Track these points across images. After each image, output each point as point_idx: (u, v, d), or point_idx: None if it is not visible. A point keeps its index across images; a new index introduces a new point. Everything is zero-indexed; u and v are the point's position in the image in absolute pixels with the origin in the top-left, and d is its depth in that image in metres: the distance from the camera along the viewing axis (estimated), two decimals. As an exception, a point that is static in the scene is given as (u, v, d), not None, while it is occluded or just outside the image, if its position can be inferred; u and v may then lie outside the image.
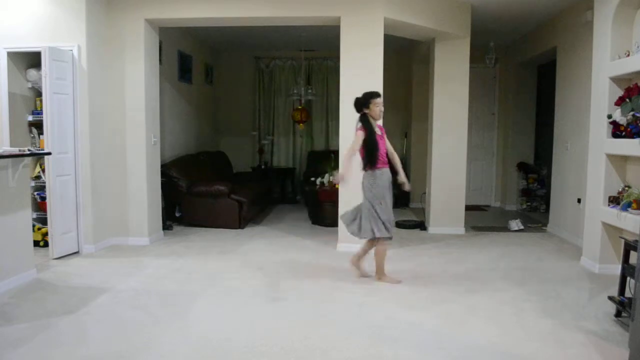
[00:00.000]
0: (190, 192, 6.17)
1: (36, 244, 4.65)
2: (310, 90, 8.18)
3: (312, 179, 6.70)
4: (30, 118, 5.00)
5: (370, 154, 3.94)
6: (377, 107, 4.00)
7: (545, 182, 7.60)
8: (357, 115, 4.06)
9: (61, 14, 4.75)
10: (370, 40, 5.01)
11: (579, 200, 5.37)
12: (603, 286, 3.95)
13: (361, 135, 3.93)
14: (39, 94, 4.94)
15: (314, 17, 5.14)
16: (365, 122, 3.98)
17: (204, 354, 2.75)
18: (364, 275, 4.20)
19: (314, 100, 8.53)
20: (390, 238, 4.03)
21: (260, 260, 4.71)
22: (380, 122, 4.14)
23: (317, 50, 8.38)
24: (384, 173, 3.98)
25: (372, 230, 3.93)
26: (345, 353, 2.78)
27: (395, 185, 4.12)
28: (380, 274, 4.09)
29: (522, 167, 7.79)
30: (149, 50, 5.25)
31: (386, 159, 4.02)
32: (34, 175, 4.95)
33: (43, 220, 4.89)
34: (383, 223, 3.92)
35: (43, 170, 4.89)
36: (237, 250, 5.15)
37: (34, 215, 4.85)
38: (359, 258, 4.21)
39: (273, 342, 2.90)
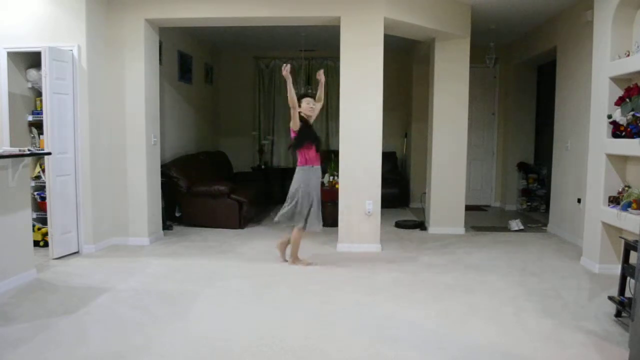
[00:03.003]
0: (190, 192, 6.17)
1: (36, 244, 4.66)
2: (310, 90, 8.17)
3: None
4: (30, 118, 5.00)
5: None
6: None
7: (545, 182, 7.60)
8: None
9: (61, 14, 4.75)
10: (370, 40, 5.01)
11: (579, 200, 5.37)
12: (603, 286, 3.95)
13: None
14: (39, 94, 4.94)
15: (314, 17, 5.13)
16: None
17: (204, 354, 2.75)
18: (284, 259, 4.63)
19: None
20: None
21: (260, 260, 4.71)
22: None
23: (317, 50, 8.38)
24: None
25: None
26: (345, 353, 2.78)
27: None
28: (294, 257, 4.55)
29: (522, 167, 7.79)
30: (149, 50, 5.25)
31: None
32: (34, 175, 4.95)
33: (43, 220, 4.90)
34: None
35: (43, 170, 4.89)
36: (237, 250, 5.15)
37: (34, 215, 4.85)
38: (285, 245, 4.66)
39: (273, 342, 2.90)
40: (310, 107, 4.43)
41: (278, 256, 4.70)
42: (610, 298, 3.35)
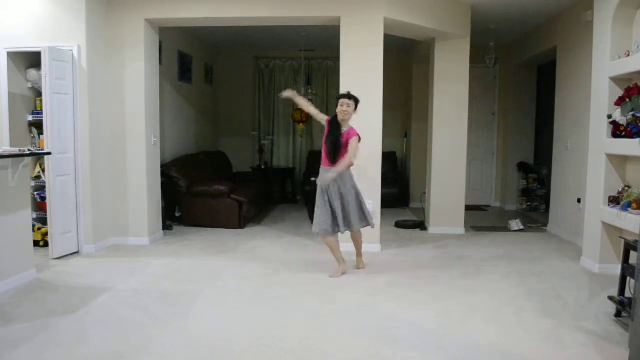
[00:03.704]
0: (190, 192, 6.17)
1: (36, 244, 4.66)
2: (310, 90, 8.19)
3: (312, 179, 6.68)
4: (30, 118, 5.00)
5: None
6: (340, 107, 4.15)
7: (545, 182, 7.60)
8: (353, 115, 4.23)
9: (61, 14, 4.75)
10: (370, 40, 5.01)
11: (579, 200, 5.37)
12: (603, 286, 3.95)
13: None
14: (39, 94, 4.94)
15: (314, 17, 5.13)
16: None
17: (204, 354, 2.75)
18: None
19: (314, 100, 8.52)
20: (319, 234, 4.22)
21: (260, 260, 4.71)
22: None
23: (317, 50, 8.38)
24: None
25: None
26: (345, 353, 2.78)
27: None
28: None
29: (522, 167, 7.79)
30: (149, 50, 5.25)
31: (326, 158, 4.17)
32: (34, 175, 4.95)
33: (43, 220, 4.90)
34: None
35: (43, 170, 4.89)
36: (237, 250, 5.15)
37: (34, 215, 4.85)
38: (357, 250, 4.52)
39: (273, 342, 2.90)
40: (343, 110, 4.10)
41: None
42: (610, 298, 3.35)
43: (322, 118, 4.32)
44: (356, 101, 4.17)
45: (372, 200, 5.11)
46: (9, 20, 4.75)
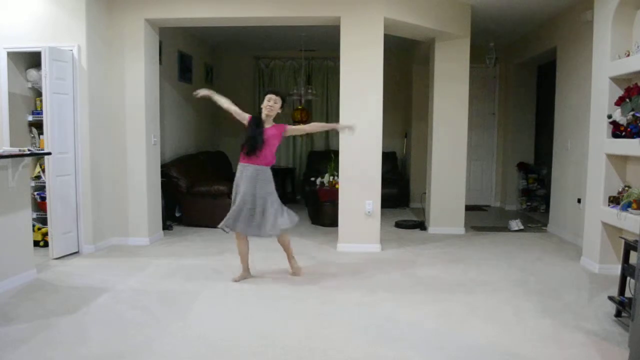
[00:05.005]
0: (190, 192, 6.17)
1: (36, 244, 4.66)
2: (310, 90, 8.18)
3: (312, 179, 6.69)
4: (30, 118, 5.01)
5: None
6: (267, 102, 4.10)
7: (545, 182, 7.60)
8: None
9: (61, 14, 4.76)
10: (370, 40, 5.01)
11: (579, 200, 5.37)
12: (603, 286, 3.95)
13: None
14: (39, 94, 4.94)
15: (314, 17, 5.13)
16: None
17: (204, 354, 2.75)
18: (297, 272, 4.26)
19: (314, 100, 8.53)
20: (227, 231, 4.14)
21: (260, 260, 4.71)
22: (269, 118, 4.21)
23: (317, 50, 8.38)
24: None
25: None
26: (345, 353, 2.78)
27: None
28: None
29: (522, 167, 7.79)
30: (149, 50, 5.25)
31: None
32: (34, 175, 4.95)
33: (43, 220, 4.90)
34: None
35: (43, 170, 4.89)
36: (236, 250, 5.13)
37: (34, 215, 4.84)
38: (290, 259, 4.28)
39: (273, 342, 2.90)
40: (270, 106, 4.10)
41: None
42: (610, 298, 3.35)
43: (244, 117, 4.22)
44: (283, 99, 4.15)
45: (372, 200, 5.11)
46: (9, 20, 4.75)
